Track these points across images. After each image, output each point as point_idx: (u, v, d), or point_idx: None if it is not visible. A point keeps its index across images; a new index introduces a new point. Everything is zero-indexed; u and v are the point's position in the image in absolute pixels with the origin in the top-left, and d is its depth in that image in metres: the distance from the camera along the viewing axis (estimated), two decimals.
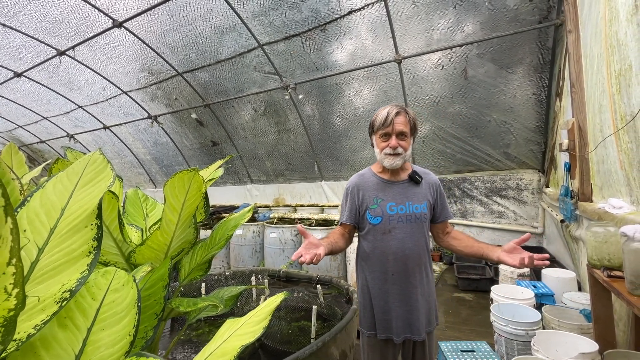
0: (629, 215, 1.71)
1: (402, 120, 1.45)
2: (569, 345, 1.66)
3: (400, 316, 1.45)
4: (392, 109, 1.45)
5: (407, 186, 1.52)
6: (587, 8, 2.34)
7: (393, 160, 1.45)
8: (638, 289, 1.22)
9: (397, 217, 1.46)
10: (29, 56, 5.55)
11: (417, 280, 1.46)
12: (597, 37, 2.09)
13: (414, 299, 1.45)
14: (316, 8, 3.96)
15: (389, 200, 1.49)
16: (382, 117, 1.45)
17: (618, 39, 1.82)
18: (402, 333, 1.44)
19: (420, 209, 1.49)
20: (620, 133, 1.85)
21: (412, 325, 1.44)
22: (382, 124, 1.45)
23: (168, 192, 1.21)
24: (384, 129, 1.45)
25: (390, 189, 1.51)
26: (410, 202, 1.49)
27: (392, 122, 1.43)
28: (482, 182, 4.74)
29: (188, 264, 1.62)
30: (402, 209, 1.47)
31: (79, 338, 0.80)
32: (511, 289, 2.47)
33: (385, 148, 1.46)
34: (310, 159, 6.00)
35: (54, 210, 0.83)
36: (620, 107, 1.83)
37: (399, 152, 1.44)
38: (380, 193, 1.51)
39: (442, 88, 4.20)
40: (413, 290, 1.45)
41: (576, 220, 2.61)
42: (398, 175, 1.54)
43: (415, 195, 1.51)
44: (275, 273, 3.27)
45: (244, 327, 0.94)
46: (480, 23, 3.56)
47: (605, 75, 1.99)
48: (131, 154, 8.09)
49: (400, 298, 1.45)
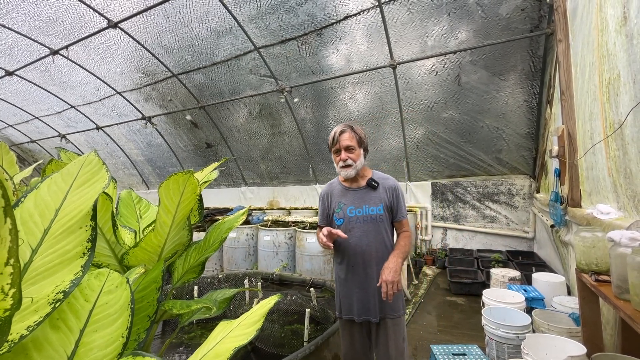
0: (615, 220, 1.75)
1: (347, 137, 1.69)
2: (558, 348, 1.69)
3: (359, 300, 1.69)
4: (337, 129, 1.72)
5: (365, 191, 1.75)
6: (578, 18, 2.40)
7: (346, 171, 1.70)
8: (624, 293, 1.25)
9: (355, 218, 1.71)
10: (22, 55, 5.48)
11: (373, 272, 1.68)
12: (589, 46, 2.14)
13: (371, 287, 1.67)
14: (312, 13, 3.99)
15: (349, 205, 1.73)
16: (331, 138, 1.73)
17: (608, 49, 1.87)
18: (362, 314, 1.68)
19: (375, 210, 1.71)
20: (609, 141, 1.90)
21: (369, 309, 1.68)
22: (332, 143, 1.72)
23: (163, 194, 1.21)
24: (333, 147, 1.72)
25: (351, 194, 1.76)
26: (367, 205, 1.72)
27: (338, 140, 1.69)
28: (475, 186, 4.79)
29: (181, 266, 1.62)
30: (360, 211, 1.71)
31: (72, 340, 0.80)
32: (502, 293, 2.50)
33: (339, 162, 1.72)
34: (304, 162, 6.01)
35: (48, 211, 0.83)
36: (610, 115, 1.88)
37: (349, 163, 1.68)
38: (342, 198, 1.77)
39: (436, 94, 4.25)
40: (369, 280, 1.68)
41: (566, 226, 2.66)
42: (357, 182, 1.78)
43: (371, 199, 1.73)
44: (268, 276, 3.26)
45: (237, 329, 0.94)
46: (473, 31, 3.63)
47: (597, 84, 2.04)
48: (124, 155, 8.02)
49: (359, 285, 1.70)
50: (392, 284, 1.49)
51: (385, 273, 1.53)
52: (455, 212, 5.00)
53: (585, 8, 2.24)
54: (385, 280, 1.50)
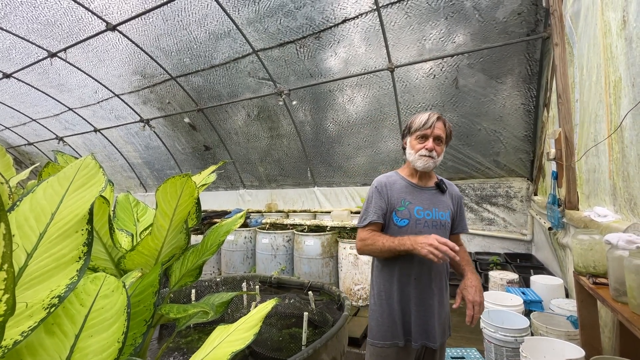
0: (613, 223, 1.75)
1: (441, 126, 1.48)
2: (556, 351, 1.69)
3: (418, 321, 1.42)
4: (432, 114, 1.48)
5: (434, 193, 1.54)
6: (582, 20, 2.39)
7: (427, 162, 1.46)
8: (622, 295, 1.25)
9: (424, 221, 1.46)
10: (19, 57, 5.47)
11: (436, 288, 1.45)
12: (596, 48, 2.14)
13: (432, 306, 1.43)
14: (311, 16, 4.00)
15: (417, 204, 1.48)
16: (423, 119, 1.47)
17: (611, 52, 1.88)
18: (420, 339, 1.42)
19: (445, 216, 1.50)
20: (612, 143, 1.90)
21: (429, 332, 1.42)
22: (422, 125, 1.46)
23: (160, 197, 1.21)
24: (422, 131, 1.46)
25: (419, 193, 1.51)
26: (436, 209, 1.49)
27: (433, 125, 1.45)
28: (473, 189, 4.80)
29: (179, 270, 1.61)
30: (429, 214, 1.47)
31: (67, 345, 0.79)
32: (501, 296, 2.50)
33: (421, 149, 1.46)
34: (303, 165, 6.01)
35: (44, 215, 0.82)
36: (615, 118, 1.88)
37: (433, 155, 1.46)
38: (408, 196, 1.50)
39: (434, 97, 4.27)
40: (432, 297, 1.44)
41: (563, 228, 2.66)
42: (426, 181, 1.55)
43: (441, 203, 1.52)
44: (266, 279, 3.25)
45: (235, 333, 0.93)
46: (470, 34, 3.65)
47: (604, 86, 2.04)
48: (122, 158, 7.99)
49: (419, 302, 1.43)
50: (480, 305, 1.31)
51: (472, 292, 1.32)
52: None
53: (589, 10, 2.25)
54: (473, 300, 1.30)
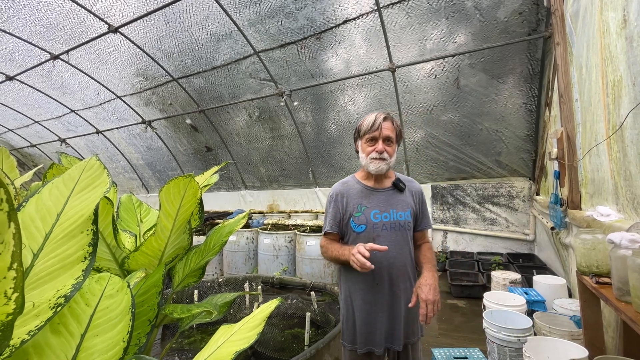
0: (616, 222, 1.75)
1: (389, 126, 1.44)
2: (560, 351, 1.68)
3: (383, 326, 1.41)
4: (379, 115, 1.44)
5: (391, 194, 1.50)
6: (581, 20, 2.39)
7: (379, 165, 1.42)
8: (625, 295, 1.24)
9: (382, 225, 1.43)
10: (22, 60, 5.51)
11: (400, 290, 1.43)
12: (594, 48, 2.14)
13: (397, 309, 1.42)
14: (312, 17, 4.01)
15: (373, 208, 1.46)
16: (370, 122, 1.44)
17: (610, 51, 1.88)
18: (384, 343, 1.42)
19: (404, 216, 1.47)
20: (611, 143, 1.90)
21: (394, 336, 1.41)
22: (370, 128, 1.43)
23: (163, 198, 1.21)
24: (371, 133, 1.43)
25: (375, 196, 1.48)
26: (394, 210, 1.46)
27: (380, 127, 1.41)
28: (475, 189, 4.80)
29: (182, 270, 1.61)
30: (387, 216, 1.44)
31: (72, 344, 0.80)
32: (503, 296, 2.49)
33: (371, 152, 1.43)
34: (304, 166, 6.02)
35: (50, 215, 0.83)
36: (613, 117, 1.88)
37: (384, 157, 1.42)
38: (364, 200, 1.47)
39: (435, 97, 4.27)
40: (397, 300, 1.42)
41: (566, 228, 2.66)
42: (382, 182, 1.52)
43: (399, 203, 1.48)
44: (268, 280, 3.25)
45: (238, 333, 0.94)
46: (472, 34, 3.65)
47: (601, 86, 2.04)
48: (124, 159, 8.03)
49: (384, 308, 1.42)
50: (433, 303, 1.28)
51: (425, 291, 1.29)
52: (456, 215, 5.00)
53: (587, 10, 2.25)
54: (426, 299, 1.27)
